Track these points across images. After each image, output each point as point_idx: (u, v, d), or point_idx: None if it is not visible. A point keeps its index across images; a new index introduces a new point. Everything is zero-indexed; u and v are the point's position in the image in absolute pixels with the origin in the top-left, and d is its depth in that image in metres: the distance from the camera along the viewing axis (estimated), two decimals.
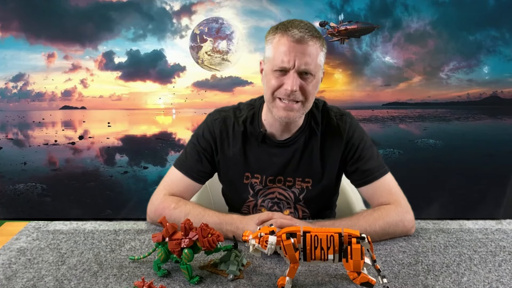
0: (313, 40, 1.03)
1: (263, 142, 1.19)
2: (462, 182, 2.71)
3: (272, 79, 1.07)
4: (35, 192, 2.73)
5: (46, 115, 2.88)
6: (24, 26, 2.62)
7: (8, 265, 0.92)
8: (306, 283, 0.84)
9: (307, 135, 1.19)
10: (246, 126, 1.20)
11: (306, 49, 1.02)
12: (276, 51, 1.04)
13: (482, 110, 2.83)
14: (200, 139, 1.21)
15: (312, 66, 1.03)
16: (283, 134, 1.18)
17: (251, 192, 1.22)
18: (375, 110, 2.94)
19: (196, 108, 2.87)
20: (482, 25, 2.63)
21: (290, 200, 1.21)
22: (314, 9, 2.62)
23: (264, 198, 1.22)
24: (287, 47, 1.02)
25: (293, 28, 1.02)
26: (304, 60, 1.02)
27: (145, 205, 1.16)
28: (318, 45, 1.04)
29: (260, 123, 1.19)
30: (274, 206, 1.22)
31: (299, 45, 1.02)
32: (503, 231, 1.11)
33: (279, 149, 1.19)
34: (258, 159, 1.20)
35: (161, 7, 2.65)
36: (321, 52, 1.06)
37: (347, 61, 2.74)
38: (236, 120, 1.21)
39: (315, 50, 1.03)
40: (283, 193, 1.21)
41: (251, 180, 1.21)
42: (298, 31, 1.01)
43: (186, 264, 0.83)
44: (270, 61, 1.07)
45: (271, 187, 1.21)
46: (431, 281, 0.85)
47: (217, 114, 1.24)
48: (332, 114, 1.20)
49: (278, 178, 1.20)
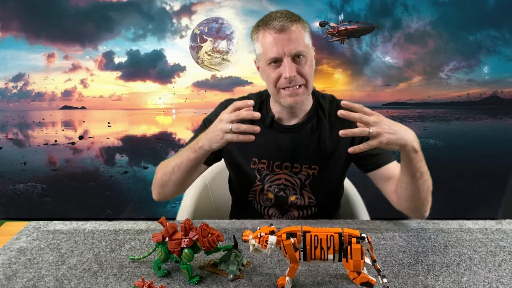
0: (294, 24, 1.08)
1: (270, 127, 1.21)
2: (462, 182, 2.71)
3: (270, 72, 1.11)
4: (35, 192, 2.73)
5: (46, 115, 2.88)
6: (24, 26, 2.62)
7: (8, 265, 0.92)
8: (306, 283, 0.84)
9: (315, 123, 1.21)
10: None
11: (290, 35, 1.07)
12: (264, 46, 1.10)
13: (482, 110, 2.83)
14: (208, 123, 1.22)
15: (301, 48, 1.08)
16: (290, 120, 1.21)
17: (258, 177, 1.24)
18: (375, 110, 2.92)
19: (196, 108, 2.86)
20: (482, 25, 2.63)
21: (296, 186, 1.23)
22: (314, 9, 2.62)
23: (270, 184, 1.24)
24: (273, 39, 1.08)
25: (272, 20, 1.08)
26: (292, 45, 1.07)
27: (145, 205, 1.16)
28: (300, 28, 1.09)
29: (269, 108, 1.23)
30: (280, 191, 1.24)
31: (283, 34, 1.07)
32: (503, 231, 1.11)
33: (286, 135, 1.21)
34: (265, 144, 1.22)
35: (161, 7, 2.65)
36: (305, 33, 1.11)
37: (347, 61, 2.74)
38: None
39: (299, 33, 1.09)
40: (289, 179, 1.23)
41: (258, 165, 1.24)
42: (277, 22, 1.07)
43: (186, 264, 0.83)
44: (262, 56, 1.12)
45: (278, 173, 1.23)
46: (431, 281, 0.85)
47: (227, 102, 1.28)
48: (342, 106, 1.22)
49: (285, 164, 1.22)
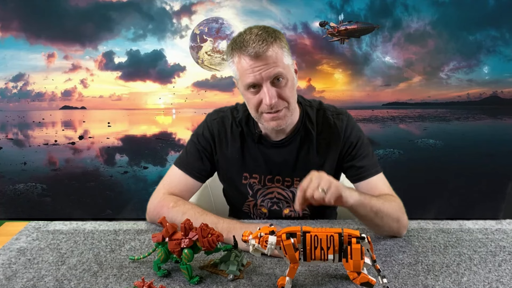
0: (270, 46, 1.01)
1: (259, 143, 1.20)
2: (462, 182, 2.71)
3: (250, 97, 1.07)
4: (35, 192, 2.73)
5: (46, 115, 2.88)
6: (24, 26, 2.62)
7: (8, 265, 0.92)
8: (306, 283, 0.84)
9: (303, 135, 1.19)
10: (243, 127, 1.21)
11: (266, 59, 1.00)
12: (240, 71, 1.05)
13: (482, 110, 2.83)
14: (200, 138, 1.22)
15: (280, 69, 1.02)
16: (278, 135, 1.19)
17: (250, 192, 1.23)
18: (375, 110, 2.94)
19: (196, 108, 2.87)
20: (482, 25, 2.63)
21: (289, 199, 1.22)
22: (314, 9, 2.62)
23: (263, 198, 1.22)
24: (249, 65, 1.02)
25: (247, 46, 1.00)
26: (269, 69, 1.01)
27: (145, 205, 1.17)
28: (277, 48, 1.02)
29: (256, 124, 1.20)
30: (274, 205, 1.23)
31: (259, 60, 1.00)
32: (503, 231, 1.11)
33: (275, 150, 1.19)
34: (255, 159, 1.20)
35: (161, 7, 2.65)
36: (284, 52, 1.04)
37: (347, 61, 2.74)
38: (234, 120, 1.22)
39: (276, 55, 1.02)
40: (282, 193, 1.22)
41: (249, 180, 1.22)
42: (252, 48, 1.00)
43: (186, 264, 0.83)
44: (240, 81, 1.07)
45: (270, 187, 1.22)
46: (431, 281, 0.85)
47: (216, 114, 1.25)
48: (329, 113, 1.21)
49: (276, 178, 1.21)
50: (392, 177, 1.19)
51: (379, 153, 2.73)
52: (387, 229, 1.04)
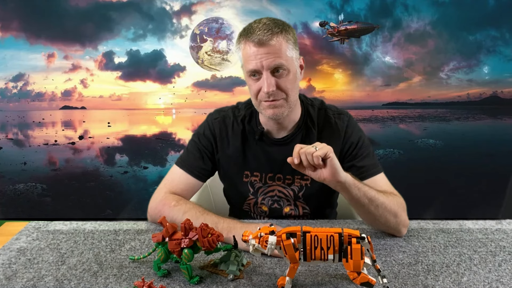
0: (275, 37, 1.04)
1: (260, 140, 1.21)
2: (462, 182, 2.71)
3: (251, 84, 1.10)
4: (35, 192, 2.73)
5: (46, 115, 2.88)
6: (24, 26, 2.62)
7: (8, 265, 0.92)
8: (306, 283, 0.84)
9: (304, 133, 1.20)
10: (245, 125, 1.22)
11: (269, 49, 1.04)
12: (244, 57, 1.08)
13: (482, 110, 2.83)
14: (201, 138, 1.23)
15: (281, 60, 1.05)
16: (279, 132, 1.20)
17: (251, 190, 1.23)
18: (375, 110, 2.94)
19: (196, 108, 2.87)
20: (482, 25, 2.63)
21: (290, 197, 1.22)
22: (314, 9, 2.62)
23: (264, 196, 1.23)
24: (252, 52, 1.05)
25: (253, 32, 1.04)
26: (271, 58, 1.04)
27: (145, 205, 1.17)
28: (282, 39, 1.05)
29: (258, 122, 1.21)
30: (274, 203, 1.23)
31: (262, 47, 1.04)
32: (503, 231, 1.11)
33: (276, 147, 1.20)
34: (256, 157, 1.21)
35: (161, 7, 2.65)
36: (288, 44, 1.07)
37: (347, 61, 2.74)
38: (235, 119, 1.23)
39: (280, 46, 1.04)
40: (283, 191, 1.22)
41: (250, 178, 1.23)
42: (256, 35, 1.03)
43: (186, 264, 0.83)
44: (244, 67, 1.11)
45: (271, 185, 1.22)
46: (431, 281, 0.85)
47: (217, 113, 1.26)
48: (330, 113, 1.22)
49: (277, 176, 1.22)
50: (392, 177, 1.19)
51: (379, 153, 2.73)
52: (383, 221, 1.03)
